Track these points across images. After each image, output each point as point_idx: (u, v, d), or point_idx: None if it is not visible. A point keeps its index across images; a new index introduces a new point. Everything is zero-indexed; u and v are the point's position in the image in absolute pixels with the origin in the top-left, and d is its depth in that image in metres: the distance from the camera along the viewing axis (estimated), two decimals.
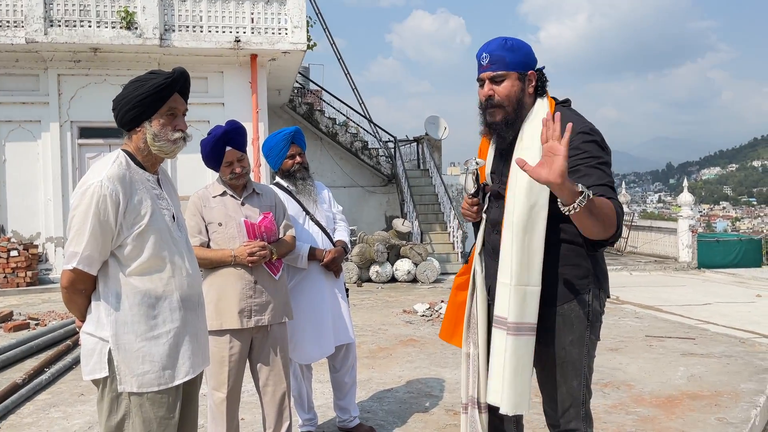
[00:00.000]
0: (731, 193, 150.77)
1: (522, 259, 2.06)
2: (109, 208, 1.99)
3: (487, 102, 2.15)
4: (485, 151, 2.37)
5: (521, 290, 2.06)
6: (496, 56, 2.14)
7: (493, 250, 2.26)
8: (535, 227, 2.06)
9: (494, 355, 2.12)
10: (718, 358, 5.40)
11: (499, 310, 2.11)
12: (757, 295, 10.69)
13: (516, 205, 2.08)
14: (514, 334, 2.06)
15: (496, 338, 2.12)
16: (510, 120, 2.16)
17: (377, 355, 5.64)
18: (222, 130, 2.96)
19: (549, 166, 1.77)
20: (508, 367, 2.07)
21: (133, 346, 2.04)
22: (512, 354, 2.06)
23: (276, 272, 3.01)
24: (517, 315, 2.06)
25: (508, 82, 2.14)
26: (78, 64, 11.23)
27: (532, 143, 2.09)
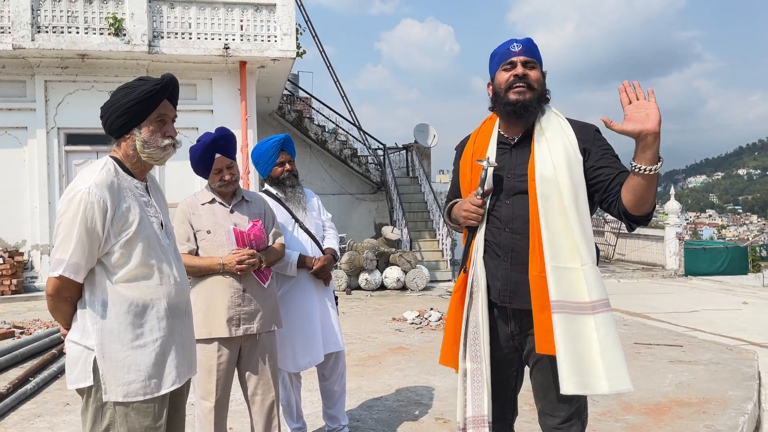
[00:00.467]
0: (717, 201, 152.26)
1: (586, 237, 2.11)
2: (96, 215, 1.97)
3: (522, 80, 2.18)
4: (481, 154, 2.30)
5: (592, 268, 2.10)
6: (528, 47, 2.23)
7: (503, 249, 2.22)
8: (586, 205, 2.13)
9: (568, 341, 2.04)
10: (705, 365, 5.43)
11: (560, 295, 2.06)
12: (744, 302, 10.77)
13: (562, 187, 2.11)
14: (602, 311, 2.07)
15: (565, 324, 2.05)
16: (536, 104, 2.21)
17: (366, 363, 5.62)
18: (211, 137, 2.94)
19: (645, 118, 1.91)
20: (610, 346, 2.04)
21: (119, 355, 2.01)
22: (606, 333, 2.05)
23: (265, 280, 2.99)
24: (600, 292, 2.08)
25: (537, 70, 2.23)
26: (65, 71, 11.16)
27: (555, 135, 2.19)
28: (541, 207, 2.12)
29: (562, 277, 2.07)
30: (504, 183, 2.24)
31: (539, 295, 2.11)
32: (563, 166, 2.11)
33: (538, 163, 2.16)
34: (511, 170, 2.24)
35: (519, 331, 2.24)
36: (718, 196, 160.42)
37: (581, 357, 2.03)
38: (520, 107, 2.18)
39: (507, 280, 2.21)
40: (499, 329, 2.27)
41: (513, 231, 2.20)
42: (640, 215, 2.05)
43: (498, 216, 2.24)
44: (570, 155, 2.14)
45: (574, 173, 2.12)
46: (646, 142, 1.92)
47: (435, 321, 7.55)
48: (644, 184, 1.96)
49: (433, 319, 7.60)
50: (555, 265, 2.08)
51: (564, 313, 2.05)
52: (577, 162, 2.14)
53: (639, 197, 2.00)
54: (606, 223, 19.66)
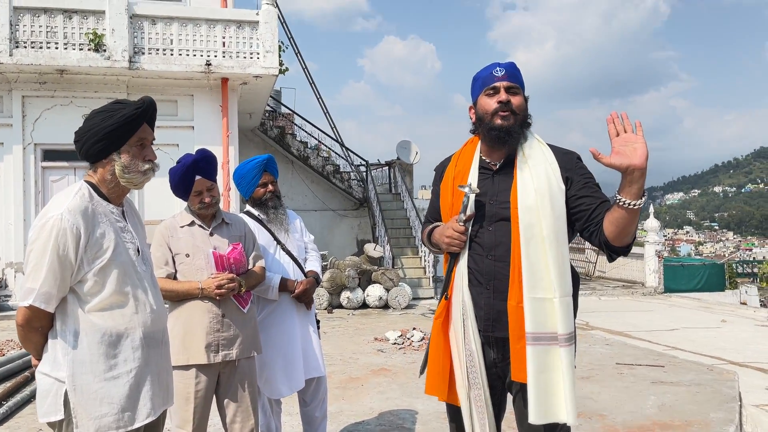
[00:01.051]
0: (694, 218, 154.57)
1: (561, 270, 2.09)
2: (69, 242, 1.91)
3: (506, 106, 2.18)
4: (462, 179, 2.28)
5: (564, 301, 2.09)
6: (511, 72, 2.22)
7: (485, 276, 2.20)
8: (565, 237, 2.12)
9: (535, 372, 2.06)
10: (687, 386, 5.43)
11: (536, 326, 2.08)
12: (723, 320, 10.87)
13: (543, 217, 2.09)
14: (567, 345, 2.08)
15: (537, 355, 2.07)
16: (518, 129, 2.20)
17: (348, 385, 5.54)
18: (192, 158, 2.89)
19: (633, 153, 1.91)
20: (568, 379, 2.06)
21: (91, 387, 1.94)
22: (568, 365, 2.07)
23: (245, 305, 2.92)
24: (567, 326, 2.08)
25: (520, 96, 2.23)
26: (43, 86, 11.02)
27: (536, 161, 2.17)
28: (523, 236, 2.11)
29: (538, 309, 2.09)
30: (486, 209, 2.22)
31: (516, 325, 2.13)
32: (546, 195, 2.10)
33: (521, 191, 2.14)
34: (494, 197, 2.22)
35: (501, 359, 2.22)
36: (695, 212, 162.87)
37: (550, 387, 2.07)
38: (505, 133, 2.17)
39: (490, 309, 2.19)
40: (485, 358, 2.24)
41: (495, 258, 2.18)
42: (620, 246, 2.05)
43: (480, 243, 2.22)
44: (552, 184, 2.12)
45: (556, 203, 2.11)
46: (633, 177, 1.91)
47: (417, 341, 7.49)
48: (627, 218, 1.96)
49: (415, 339, 7.54)
50: (532, 296, 2.09)
51: (537, 345, 2.08)
52: (560, 192, 2.13)
53: (621, 229, 2.00)
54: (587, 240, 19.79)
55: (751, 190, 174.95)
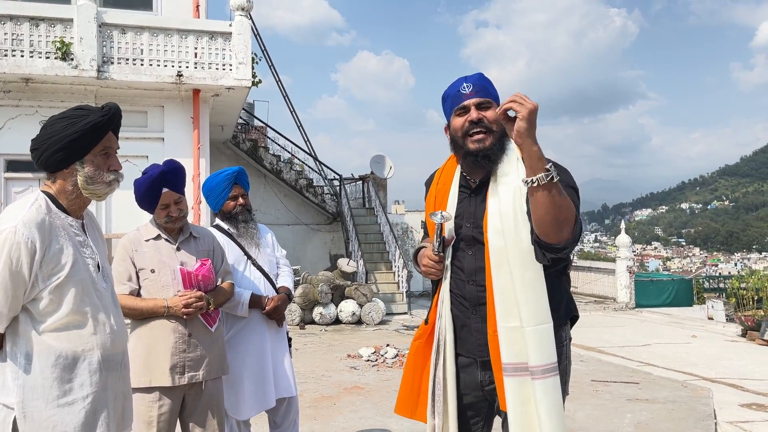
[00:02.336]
0: (662, 234, 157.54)
1: (529, 297, 1.95)
2: (22, 257, 1.77)
3: (477, 125, 2.04)
4: (443, 197, 2.20)
5: (537, 330, 1.94)
6: (480, 86, 2.08)
7: (470, 302, 2.10)
8: (533, 261, 1.96)
9: (514, 404, 1.95)
10: (662, 403, 5.41)
11: (511, 357, 1.96)
12: (693, 335, 10.97)
13: (508, 243, 1.97)
14: (542, 377, 1.93)
15: (512, 387, 1.96)
16: (497, 146, 2.05)
17: (320, 404, 5.39)
18: (159, 170, 2.74)
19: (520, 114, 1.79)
20: (544, 413, 1.92)
21: (43, 414, 1.79)
22: (543, 398, 1.92)
23: (212, 323, 2.78)
24: (541, 357, 1.93)
25: (492, 110, 2.06)
26: (8, 95, 10.70)
27: (507, 181, 2.03)
28: (493, 261, 2.01)
29: (511, 338, 1.97)
30: (464, 232, 2.12)
31: (495, 354, 2.02)
32: (511, 218, 1.97)
33: (491, 214, 2.03)
34: (470, 219, 2.12)
35: (489, 382, 2.11)
36: (662, 228, 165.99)
37: (527, 420, 1.96)
38: (482, 158, 2.05)
39: (479, 334, 2.09)
40: (467, 377, 2.14)
41: (476, 284, 2.08)
42: (552, 243, 1.86)
43: (461, 267, 2.13)
44: (517, 207, 1.98)
45: (521, 227, 1.96)
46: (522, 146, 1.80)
47: (391, 358, 7.37)
48: (538, 200, 1.79)
49: (389, 356, 7.42)
50: (504, 324, 1.98)
51: (514, 376, 1.97)
52: (522, 215, 1.97)
53: (538, 218, 1.84)
54: None
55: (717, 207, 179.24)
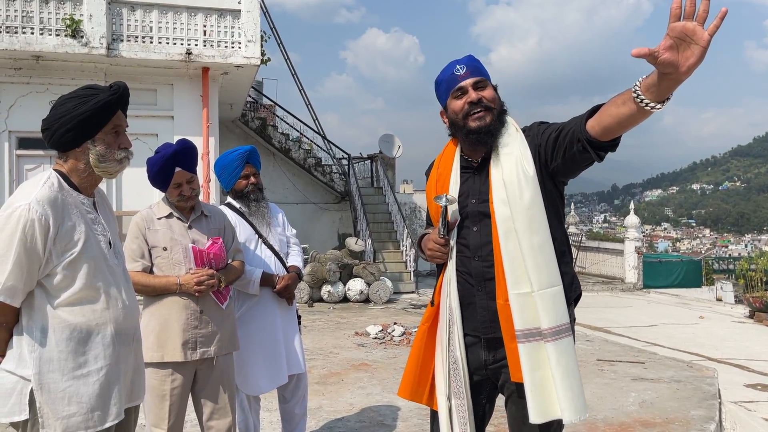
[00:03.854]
0: (672, 215, 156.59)
1: (538, 261, 1.99)
2: (37, 233, 1.81)
3: (478, 104, 2.07)
4: (445, 179, 2.23)
5: (548, 293, 1.99)
6: (473, 66, 2.12)
7: (476, 278, 2.12)
8: (540, 225, 2.01)
9: (530, 371, 1.99)
10: (667, 383, 5.45)
11: (523, 323, 2.00)
12: (700, 316, 10.98)
13: (513, 209, 2.01)
14: (554, 339, 1.98)
15: (526, 353, 1.99)
16: (498, 126, 2.09)
17: (328, 380, 5.47)
18: (171, 149, 2.77)
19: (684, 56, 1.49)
20: (558, 375, 1.96)
21: (59, 386, 1.84)
22: (558, 360, 1.97)
23: (223, 301, 2.83)
24: (553, 319, 1.98)
25: (490, 88, 2.12)
26: (18, 72, 10.73)
27: (511, 149, 2.06)
28: (500, 230, 2.04)
29: (524, 305, 2.01)
30: (469, 209, 2.15)
31: (507, 325, 2.05)
32: (515, 184, 2.02)
33: (495, 185, 2.07)
34: (476, 195, 2.15)
35: (493, 361, 2.14)
36: (672, 209, 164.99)
37: (544, 385, 2.00)
38: (485, 134, 2.08)
39: (485, 311, 2.12)
40: (472, 357, 2.17)
41: (482, 259, 2.11)
42: (607, 141, 1.83)
43: (466, 244, 2.16)
44: (520, 172, 2.02)
45: (525, 191, 2.01)
46: (669, 79, 1.55)
47: (398, 336, 7.44)
48: (636, 117, 1.69)
49: (396, 334, 7.49)
50: (516, 292, 2.02)
51: (528, 342, 2.00)
52: (528, 179, 2.01)
53: (621, 127, 1.76)
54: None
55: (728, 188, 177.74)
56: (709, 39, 1.45)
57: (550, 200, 2.09)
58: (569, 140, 1.92)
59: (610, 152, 1.89)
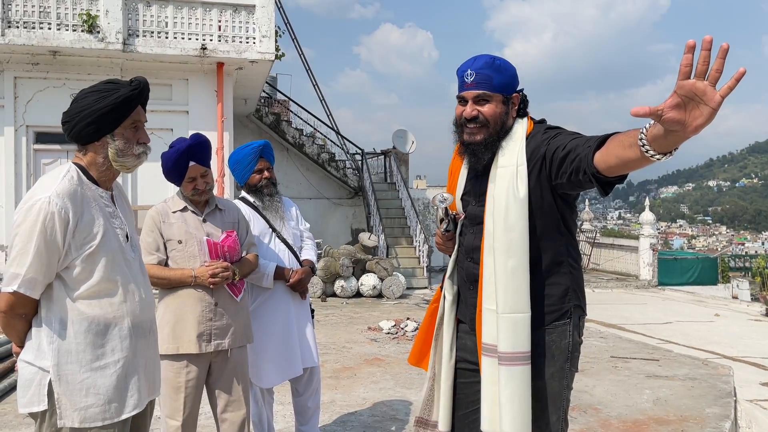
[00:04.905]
0: (688, 212, 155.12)
1: (507, 285, 1.97)
2: (57, 226, 1.83)
3: (471, 121, 2.05)
4: (455, 174, 2.27)
5: (510, 318, 1.97)
6: (483, 75, 2.03)
7: (468, 278, 2.17)
8: (517, 250, 1.97)
9: (486, 383, 2.03)
10: (682, 380, 5.41)
11: (487, 337, 2.02)
12: (716, 314, 10.89)
13: (496, 227, 1.99)
14: (508, 364, 1.97)
15: (486, 366, 2.03)
16: (490, 141, 2.06)
17: (341, 375, 5.49)
18: (186, 144, 2.79)
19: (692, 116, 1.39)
20: (505, 397, 1.97)
21: (77, 377, 1.87)
22: (507, 384, 1.97)
23: (238, 293, 2.85)
24: (510, 344, 1.97)
25: (492, 104, 2.05)
26: (36, 67, 10.84)
27: (509, 161, 2.03)
28: (486, 243, 2.05)
29: (489, 320, 2.03)
30: (469, 209, 2.19)
31: (478, 331, 2.09)
32: (502, 205, 1.99)
33: (489, 197, 2.06)
34: (476, 197, 2.17)
35: None
36: (688, 206, 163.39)
37: (493, 400, 2.01)
38: (471, 152, 2.09)
39: (473, 309, 2.15)
40: (471, 345, 2.22)
41: (473, 261, 2.14)
42: (613, 177, 1.78)
43: (463, 242, 2.21)
44: (510, 193, 1.98)
45: (510, 215, 1.97)
46: (675, 136, 1.47)
47: (411, 331, 7.45)
48: (640, 162, 1.64)
49: (409, 330, 7.50)
50: (486, 306, 2.04)
51: (487, 356, 2.04)
52: (515, 200, 1.96)
53: (626, 168, 1.71)
54: (581, 232, 19.81)
55: (745, 185, 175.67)
56: (720, 101, 1.35)
57: (551, 214, 2.05)
58: (575, 167, 1.85)
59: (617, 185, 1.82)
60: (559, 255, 2.07)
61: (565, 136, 1.97)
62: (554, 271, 2.06)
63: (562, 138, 1.96)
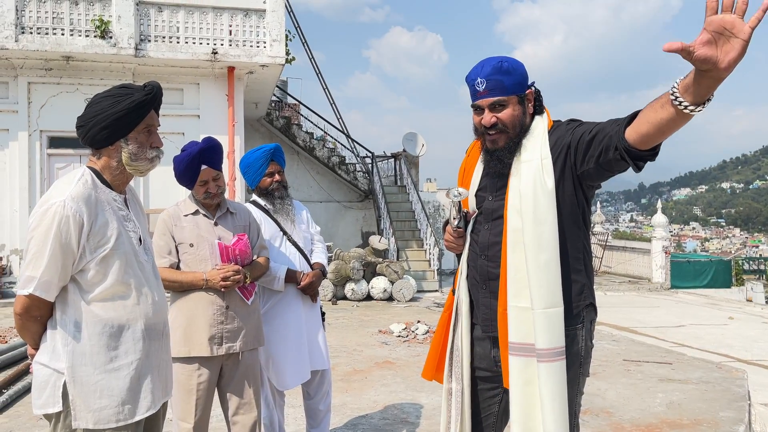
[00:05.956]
0: (701, 214, 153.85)
1: (541, 280, 1.94)
2: (71, 230, 1.85)
3: (491, 128, 2.04)
4: (470, 170, 2.25)
5: (546, 313, 1.93)
6: (494, 81, 2.01)
7: (481, 276, 2.13)
8: (549, 243, 1.95)
9: (517, 385, 1.97)
10: (695, 384, 5.37)
11: (517, 336, 1.97)
12: (730, 317, 10.78)
13: (525, 222, 1.96)
14: (547, 361, 1.93)
15: (516, 367, 1.97)
16: (513, 144, 2.05)
17: (352, 378, 5.50)
18: (198, 147, 2.81)
19: (724, 50, 1.40)
20: (547, 396, 1.92)
21: (91, 379, 1.89)
22: (547, 381, 1.92)
23: (249, 297, 2.87)
24: (548, 340, 1.93)
25: (509, 108, 2.03)
26: (49, 73, 10.96)
27: (532, 156, 2.01)
28: (509, 240, 2.01)
29: (521, 319, 1.98)
30: (485, 205, 2.14)
31: (503, 332, 2.04)
32: (530, 198, 1.96)
33: (511, 192, 2.03)
34: (493, 192, 2.13)
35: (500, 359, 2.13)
36: (701, 209, 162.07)
37: (529, 401, 1.96)
38: (496, 158, 2.07)
39: (488, 309, 2.12)
40: (482, 351, 2.19)
41: (488, 258, 2.11)
42: (646, 150, 1.74)
43: (476, 240, 2.16)
44: (538, 185, 1.96)
45: (540, 207, 1.94)
46: (709, 77, 1.45)
47: (422, 334, 7.44)
48: (675, 122, 1.60)
49: (420, 333, 7.49)
50: (514, 304, 1.99)
51: (519, 356, 1.98)
52: (544, 193, 1.95)
53: (660, 133, 1.66)
54: (593, 235, 19.72)
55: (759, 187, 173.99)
56: (750, 32, 1.37)
57: (572, 208, 2.03)
58: (605, 145, 1.83)
59: (649, 161, 1.79)
60: (577, 251, 2.06)
61: (590, 124, 1.97)
62: (573, 267, 2.04)
63: (587, 125, 1.97)
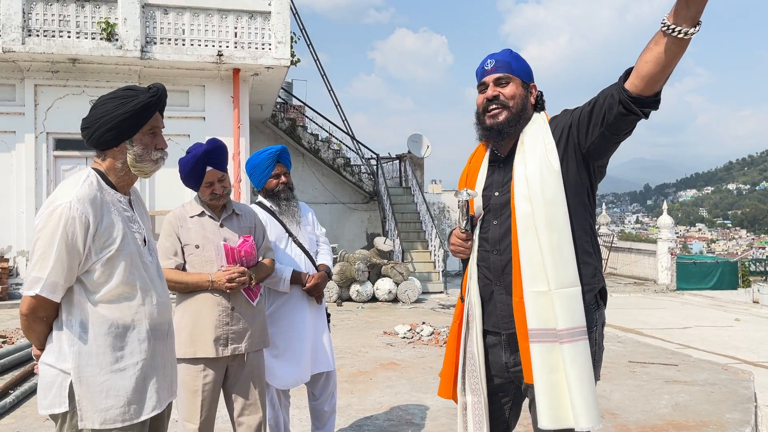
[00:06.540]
0: (707, 215, 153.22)
1: (556, 260, 1.94)
2: (77, 231, 1.86)
3: (492, 101, 2.09)
4: (473, 174, 2.25)
5: (565, 293, 1.94)
6: (502, 61, 2.12)
7: (494, 272, 2.12)
8: (560, 223, 1.97)
9: (541, 373, 1.94)
10: (701, 385, 5.35)
11: (536, 322, 1.95)
12: (736, 319, 10.74)
13: (534, 205, 1.98)
14: (570, 341, 1.92)
15: (538, 354, 1.95)
16: (512, 121, 2.08)
17: (357, 379, 5.50)
18: (203, 149, 2.82)
19: None
20: (574, 379, 1.90)
21: (97, 379, 1.90)
22: (573, 362, 1.91)
23: (254, 298, 2.87)
24: (569, 320, 1.92)
25: (513, 85, 2.11)
26: (56, 75, 11.02)
27: (535, 144, 2.05)
28: (520, 226, 2.01)
29: (539, 303, 1.96)
30: (492, 201, 2.15)
31: (521, 323, 2.01)
32: (537, 180, 1.99)
33: (517, 179, 2.05)
34: (499, 187, 2.14)
35: (513, 363, 2.11)
36: (707, 210, 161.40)
37: (556, 389, 1.94)
38: (495, 132, 2.10)
39: (502, 305, 2.10)
40: (494, 359, 2.16)
41: (500, 252, 2.10)
42: (650, 95, 1.80)
43: (486, 237, 2.15)
44: (544, 168, 1.99)
45: (548, 188, 1.97)
46: None
47: (427, 336, 7.44)
48: (672, 51, 1.65)
49: (425, 334, 7.49)
50: (531, 290, 1.98)
51: (541, 342, 1.96)
52: (552, 175, 1.98)
53: (661, 68, 1.71)
54: (598, 237, 19.67)
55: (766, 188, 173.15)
56: None
57: (577, 188, 2.04)
58: (608, 105, 1.89)
59: (653, 110, 1.85)
60: (585, 233, 2.06)
61: (586, 103, 2.03)
62: (584, 249, 2.04)
63: (584, 105, 2.03)
